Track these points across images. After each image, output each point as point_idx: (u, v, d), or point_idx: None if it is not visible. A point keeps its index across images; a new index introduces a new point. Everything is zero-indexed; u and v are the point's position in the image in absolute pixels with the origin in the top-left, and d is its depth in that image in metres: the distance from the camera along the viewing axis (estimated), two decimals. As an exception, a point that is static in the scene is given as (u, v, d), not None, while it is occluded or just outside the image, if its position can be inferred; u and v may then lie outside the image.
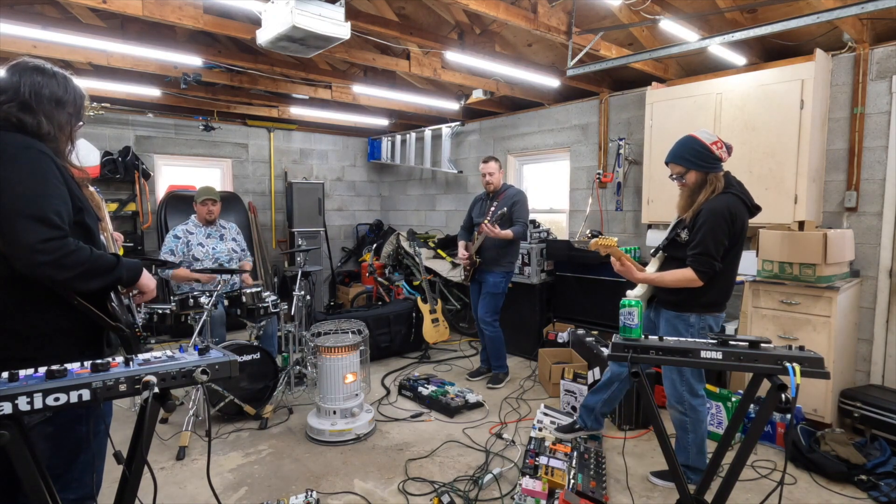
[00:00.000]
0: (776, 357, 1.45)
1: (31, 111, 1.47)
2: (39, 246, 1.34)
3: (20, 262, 1.35)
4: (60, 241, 1.38)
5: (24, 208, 1.35)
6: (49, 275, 1.37)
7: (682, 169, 2.52)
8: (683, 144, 2.52)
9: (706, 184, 2.48)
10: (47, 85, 1.51)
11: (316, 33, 2.65)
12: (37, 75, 1.51)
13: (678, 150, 2.54)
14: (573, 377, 3.57)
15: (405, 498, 2.64)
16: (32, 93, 1.48)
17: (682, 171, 2.53)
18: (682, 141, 2.54)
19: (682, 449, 2.65)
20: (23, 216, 1.34)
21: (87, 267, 1.43)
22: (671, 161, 2.56)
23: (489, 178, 4.18)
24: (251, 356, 3.47)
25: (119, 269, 1.53)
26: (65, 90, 1.55)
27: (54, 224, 1.38)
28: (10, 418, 1.09)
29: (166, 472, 2.89)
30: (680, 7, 3.72)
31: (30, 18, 3.48)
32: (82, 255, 1.42)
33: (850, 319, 3.47)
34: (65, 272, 1.39)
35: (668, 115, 4.15)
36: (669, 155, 2.56)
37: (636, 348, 1.58)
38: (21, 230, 1.34)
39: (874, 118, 3.54)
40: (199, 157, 6.63)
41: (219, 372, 1.30)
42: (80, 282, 1.43)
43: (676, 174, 2.56)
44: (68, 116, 1.56)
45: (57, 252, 1.36)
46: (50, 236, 1.36)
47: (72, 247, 1.40)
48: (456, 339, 5.69)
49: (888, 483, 2.63)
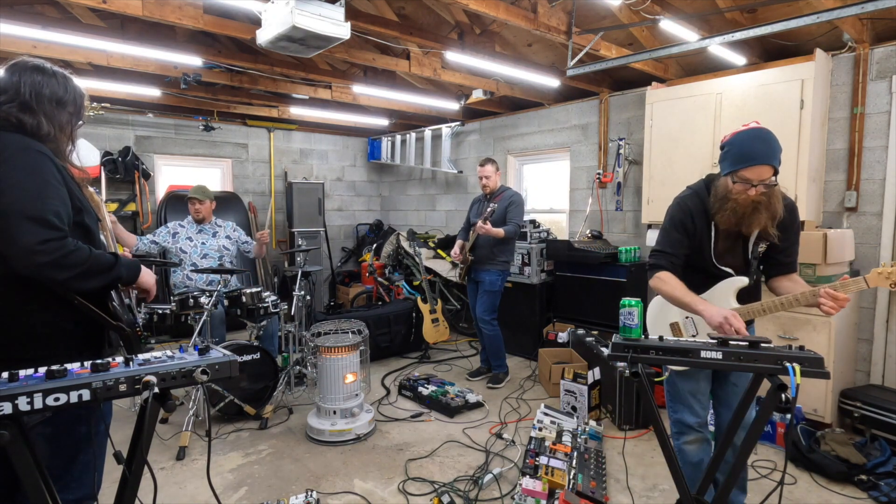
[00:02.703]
0: (776, 357, 1.45)
1: (31, 111, 1.47)
2: (38, 247, 1.34)
3: (19, 263, 1.35)
4: (59, 242, 1.38)
5: (23, 209, 1.35)
6: (49, 275, 1.38)
7: (773, 172, 1.86)
8: (774, 140, 1.87)
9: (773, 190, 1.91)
10: (48, 84, 1.51)
11: (316, 33, 2.65)
12: (37, 75, 1.51)
13: (773, 147, 1.85)
14: (573, 377, 3.57)
15: (405, 498, 2.64)
16: (33, 93, 1.48)
17: (772, 176, 1.86)
18: (768, 135, 1.87)
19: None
20: (22, 217, 1.34)
21: (87, 267, 1.43)
22: (768, 162, 1.83)
23: (485, 180, 4.25)
24: (251, 356, 3.47)
25: (118, 268, 1.53)
26: (65, 90, 1.55)
27: (53, 225, 1.38)
28: (10, 418, 1.09)
29: (166, 472, 2.89)
30: (680, 7, 3.72)
31: (30, 18, 3.48)
32: (81, 255, 1.42)
33: (850, 319, 3.47)
34: (64, 272, 1.39)
35: (668, 115, 4.14)
36: (764, 155, 1.83)
37: (636, 348, 1.58)
38: (20, 231, 1.34)
39: (874, 118, 3.54)
40: (199, 157, 6.63)
41: (219, 372, 1.30)
42: (80, 281, 1.43)
43: (763, 180, 1.84)
44: (69, 116, 1.56)
45: (56, 253, 1.37)
46: (49, 237, 1.36)
47: (71, 247, 1.40)
48: (455, 339, 5.69)
49: (888, 483, 2.63)
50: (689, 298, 1.92)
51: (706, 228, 2.02)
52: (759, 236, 1.99)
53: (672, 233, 2.05)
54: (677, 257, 2.04)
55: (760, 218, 1.89)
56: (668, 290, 1.99)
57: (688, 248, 2.04)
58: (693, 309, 1.91)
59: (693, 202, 2.04)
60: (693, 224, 2.02)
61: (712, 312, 1.84)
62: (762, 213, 1.88)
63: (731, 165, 1.90)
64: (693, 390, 2.12)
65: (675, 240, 2.04)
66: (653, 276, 2.06)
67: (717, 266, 2.03)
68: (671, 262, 2.03)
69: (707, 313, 1.85)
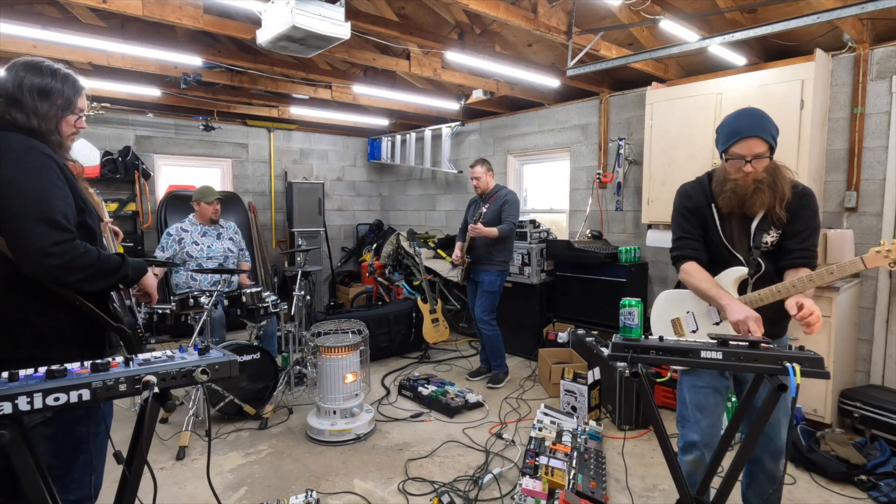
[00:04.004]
0: (776, 357, 1.45)
1: (19, 106, 1.46)
2: (50, 249, 1.35)
3: (30, 265, 1.36)
4: (70, 244, 1.39)
5: (32, 212, 1.35)
6: (59, 277, 1.38)
7: (766, 147, 1.85)
8: (763, 115, 1.88)
9: (777, 169, 1.90)
10: (33, 76, 1.49)
11: (316, 33, 2.65)
12: (23, 70, 1.49)
13: (762, 121, 1.86)
14: (573, 377, 3.57)
15: (405, 498, 2.64)
16: (16, 86, 1.47)
17: (766, 151, 1.85)
18: (756, 111, 1.90)
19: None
20: (31, 219, 1.35)
21: (96, 269, 1.45)
22: (756, 134, 1.83)
23: (476, 181, 4.27)
24: (251, 356, 3.47)
25: (125, 268, 1.54)
26: (51, 79, 1.51)
27: (63, 227, 1.39)
28: (10, 418, 1.09)
29: (166, 472, 2.89)
30: (680, 7, 3.72)
31: (30, 18, 3.47)
32: (90, 257, 1.43)
33: (850, 320, 3.47)
34: (74, 274, 1.40)
35: (668, 115, 4.14)
36: (751, 127, 1.84)
37: (636, 348, 1.58)
38: (31, 234, 1.34)
39: (874, 118, 3.54)
40: (199, 157, 6.63)
41: (219, 372, 1.30)
42: (88, 283, 1.44)
43: (756, 155, 1.83)
44: (56, 108, 1.52)
45: (67, 255, 1.37)
46: (60, 239, 1.37)
47: (80, 249, 1.41)
48: (455, 339, 5.69)
49: (888, 483, 2.63)
50: (715, 292, 1.89)
51: (707, 209, 2.00)
52: (765, 222, 1.93)
53: (679, 218, 2.06)
54: (695, 239, 2.02)
55: (763, 198, 1.86)
56: (694, 282, 1.96)
57: (700, 228, 2.02)
58: (718, 303, 1.88)
59: (692, 186, 2.07)
60: (693, 204, 2.02)
61: (735, 309, 1.79)
62: (765, 192, 1.85)
63: (723, 144, 1.92)
64: (700, 404, 2.00)
65: (685, 222, 2.04)
66: (679, 269, 2.04)
67: (729, 249, 1.98)
68: (692, 246, 2.01)
69: (730, 308, 1.81)
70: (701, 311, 2.05)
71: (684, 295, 2.10)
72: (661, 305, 2.21)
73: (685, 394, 2.05)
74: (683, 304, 2.10)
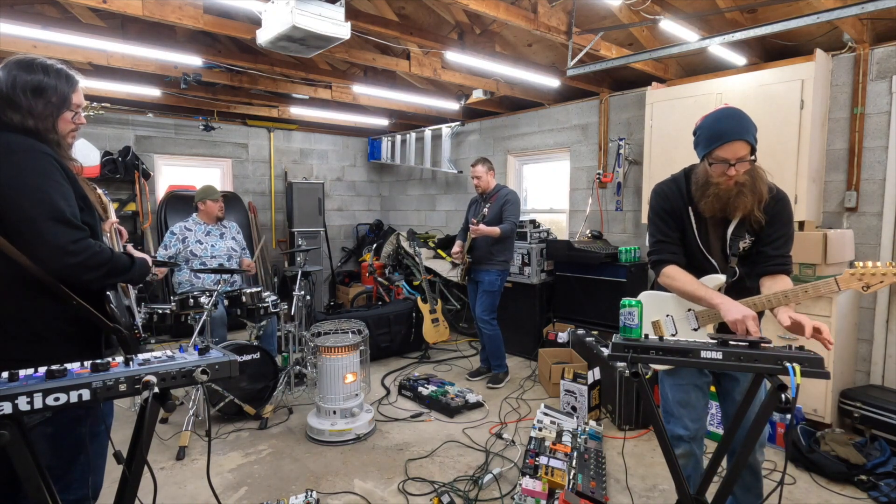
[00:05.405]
0: (776, 357, 1.45)
1: (14, 106, 1.45)
2: (71, 247, 1.36)
3: (49, 263, 1.37)
4: (85, 242, 1.41)
5: (44, 212, 1.36)
6: (76, 275, 1.40)
7: (749, 149, 1.80)
8: (744, 116, 1.84)
9: (755, 170, 1.84)
10: (25, 74, 1.47)
11: (316, 33, 2.65)
12: (15, 68, 1.48)
13: (743, 122, 1.81)
14: (573, 377, 3.57)
15: (405, 498, 2.64)
16: (9, 86, 1.46)
17: (749, 153, 1.80)
18: (736, 112, 1.85)
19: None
20: (45, 219, 1.35)
21: (109, 268, 1.47)
22: (740, 137, 1.78)
23: (477, 180, 4.27)
24: (251, 356, 3.47)
25: (134, 269, 1.57)
26: (44, 75, 1.50)
27: (76, 225, 1.41)
28: (10, 418, 1.09)
29: (166, 472, 2.89)
30: (680, 7, 3.72)
31: (30, 18, 3.48)
32: (104, 257, 1.45)
33: (850, 319, 3.47)
34: (90, 273, 1.41)
35: (668, 115, 4.14)
36: (735, 130, 1.79)
37: (636, 348, 1.58)
38: (48, 233, 1.35)
39: (874, 118, 3.54)
40: (199, 157, 6.63)
41: (219, 372, 1.30)
42: (101, 281, 1.47)
43: (740, 158, 1.79)
44: (52, 106, 1.50)
45: (84, 253, 1.39)
46: (77, 237, 1.39)
47: (95, 248, 1.43)
48: (455, 339, 5.69)
49: (888, 483, 2.63)
50: (704, 292, 1.84)
51: (685, 211, 1.95)
52: (741, 228, 1.90)
53: (657, 220, 2.01)
54: (673, 242, 1.97)
55: (745, 201, 1.82)
56: (679, 285, 1.90)
57: (678, 231, 1.97)
58: (710, 303, 1.82)
59: (668, 187, 2.00)
60: (670, 206, 1.97)
61: (731, 308, 1.75)
62: (747, 195, 1.82)
63: (705, 147, 1.85)
64: (682, 401, 2.01)
65: (663, 225, 1.99)
66: (659, 273, 1.98)
67: (704, 254, 1.94)
68: (670, 250, 1.97)
69: (724, 307, 1.77)
70: (680, 315, 2.00)
71: (665, 297, 2.04)
72: (644, 305, 2.18)
73: (667, 391, 2.06)
74: (663, 307, 2.04)
